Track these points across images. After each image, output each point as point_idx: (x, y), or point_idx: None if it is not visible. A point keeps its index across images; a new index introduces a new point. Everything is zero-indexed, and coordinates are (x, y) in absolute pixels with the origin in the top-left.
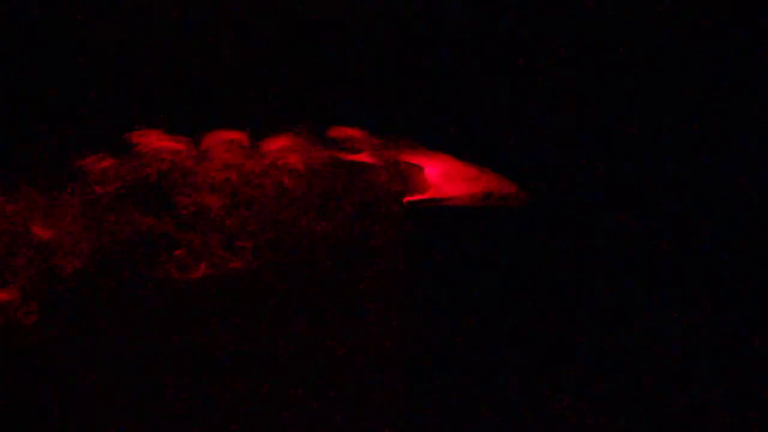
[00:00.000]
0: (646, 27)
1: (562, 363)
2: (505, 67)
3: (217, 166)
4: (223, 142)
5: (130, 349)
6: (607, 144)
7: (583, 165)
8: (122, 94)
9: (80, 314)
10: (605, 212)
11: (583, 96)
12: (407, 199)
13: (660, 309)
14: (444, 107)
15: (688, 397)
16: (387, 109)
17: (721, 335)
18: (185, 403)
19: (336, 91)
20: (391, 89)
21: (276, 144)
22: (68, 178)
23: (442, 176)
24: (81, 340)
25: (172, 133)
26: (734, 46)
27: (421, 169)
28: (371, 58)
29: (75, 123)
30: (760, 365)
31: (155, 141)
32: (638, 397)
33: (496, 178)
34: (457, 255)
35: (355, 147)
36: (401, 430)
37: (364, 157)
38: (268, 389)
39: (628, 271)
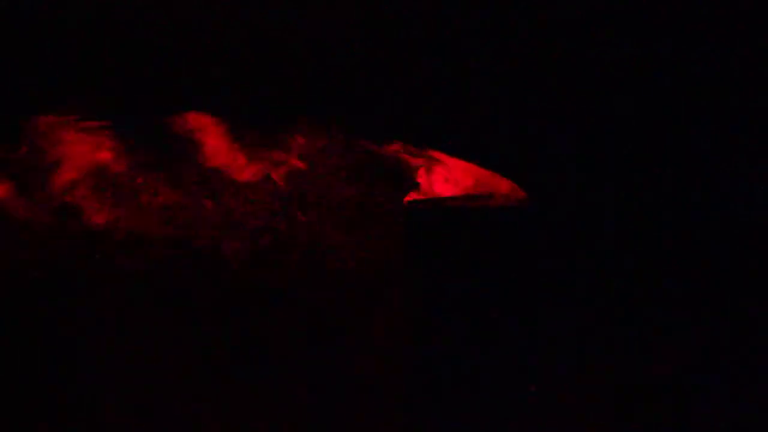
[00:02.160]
0: (646, 27)
1: (563, 363)
2: (505, 67)
3: (214, 164)
4: (223, 140)
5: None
6: (607, 144)
7: (584, 165)
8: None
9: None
10: (606, 212)
11: (583, 96)
12: (407, 199)
13: (661, 309)
14: (444, 107)
15: (687, 397)
16: (387, 109)
17: (722, 336)
18: (181, 402)
19: (335, 91)
20: (391, 89)
21: (274, 143)
22: None
23: (442, 176)
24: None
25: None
26: (734, 47)
27: (421, 169)
28: (373, 57)
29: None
30: (760, 365)
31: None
32: (641, 398)
33: (496, 179)
34: (456, 255)
35: (354, 147)
36: (402, 430)
37: (364, 157)
38: (266, 390)
39: (629, 271)
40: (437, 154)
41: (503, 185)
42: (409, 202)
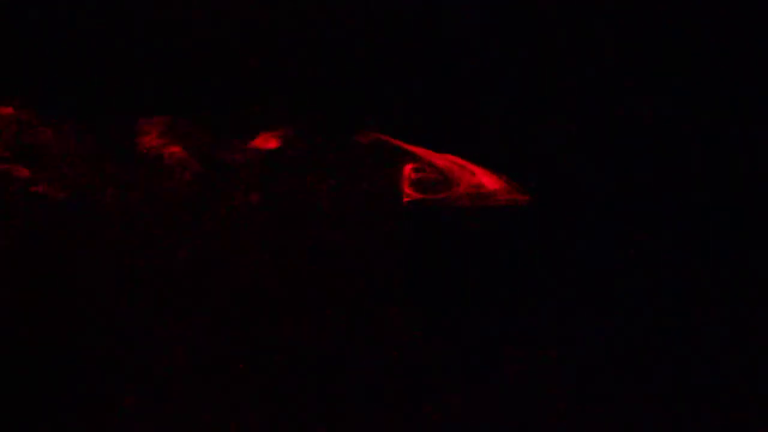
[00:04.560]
0: (646, 26)
1: (563, 363)
2: (506, 66)
3: (214, 165)
4: (223, 139)
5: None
6: (607, 144)
7: (584, 165)
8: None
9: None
10: (606, 212)
11: (583, 95)
12: (407, 199)
13: (661, 310)
14: (445, 107)
15: (687, 398)
16: (388, 108)
17: (722, 336)
18: (181, 401)
19: (336, 90)
20: (392, 88)
21: (275, 143)
22: None
23: (443, 176)
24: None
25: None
26: (734, 46)
27: (422, 168)
28: (373, 56)
29: None
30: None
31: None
32: (641, 399)
33: (497, 178)
34: (457, 255)
35: (355, 146)
36: (402, 429)
37: (363, 157)
38: (266, 390)
39: (629, 271)
40: (437, 154)
41: (503, 185)
42: (409, 202)
